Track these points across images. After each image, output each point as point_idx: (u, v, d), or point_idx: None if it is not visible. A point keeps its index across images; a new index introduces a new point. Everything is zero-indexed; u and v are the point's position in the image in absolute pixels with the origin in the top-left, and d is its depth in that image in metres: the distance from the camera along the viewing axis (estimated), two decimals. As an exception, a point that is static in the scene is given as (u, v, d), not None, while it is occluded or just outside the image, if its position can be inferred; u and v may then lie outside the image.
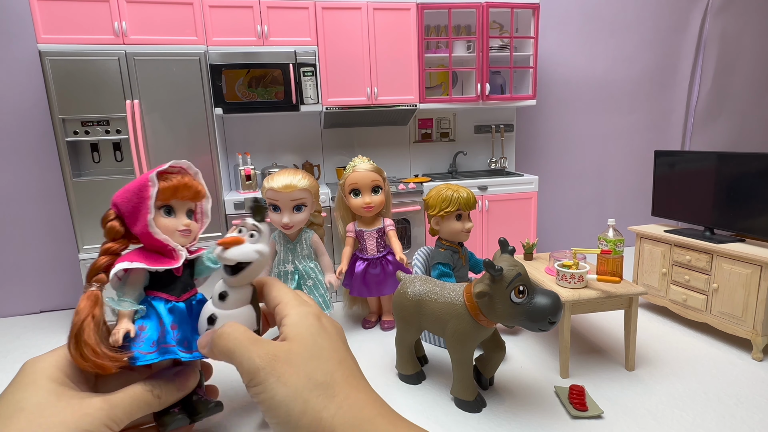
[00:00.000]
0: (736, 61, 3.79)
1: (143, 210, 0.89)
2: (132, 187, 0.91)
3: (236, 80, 2.58)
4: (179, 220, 0.97)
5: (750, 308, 1.86)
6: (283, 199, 1.41)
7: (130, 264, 0.88)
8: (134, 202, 0.90)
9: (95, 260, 0.87)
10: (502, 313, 1.12)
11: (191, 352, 0.99)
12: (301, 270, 1.44)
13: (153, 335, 0.91)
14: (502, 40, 3.08)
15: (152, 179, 0.90)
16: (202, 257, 1.13)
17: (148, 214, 0.89)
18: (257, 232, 0.98)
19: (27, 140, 2.68)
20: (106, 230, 0.90)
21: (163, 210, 0.95)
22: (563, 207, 3.79)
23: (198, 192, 0.99)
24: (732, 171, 2.03)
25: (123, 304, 0.89)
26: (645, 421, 1.34)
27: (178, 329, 0.95)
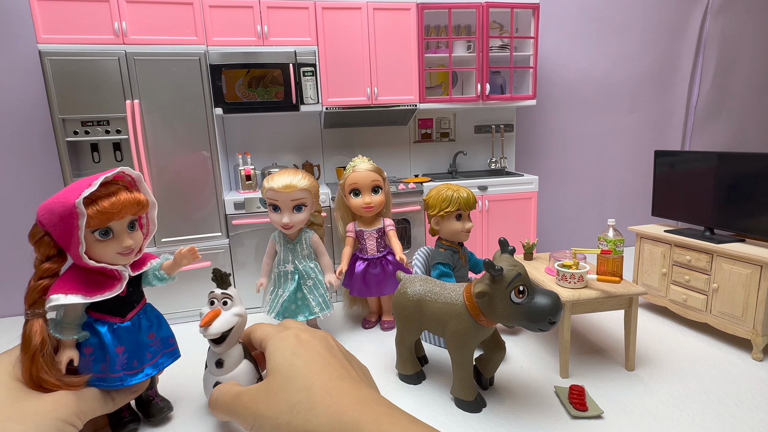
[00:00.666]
0: (736, 61, 3.79)
1: (74, 237, 0.81)
2: (57, 209, 0.81)
3: (236, 80, 2.58)
4: (119, 242, 0.90)
5: (750, 308, 1.86)
6: (283, 199, 1.41)
7: (65, 298, 0.83)
8: (61, 228, 0.81)
9: (33, 284, 0.82)
10: (502, 313, 1.12)
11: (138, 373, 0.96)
12: (301, 270, 1.44)
13: (100, 357, 0.91)
14: (502, 40, 3.08)
15: (79, 207, 0.80)
16: (148, 275, 1.08)
17: (78, 245, 0.81)
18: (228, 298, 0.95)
19: (27, 140, 2.68)
20: (37, 247, 0.83)
21: (99, 233, 0.87)
22: (563, 207, 3.79)
23: (139, 205, 0.91)
24: (732, 171, 2.03)
25: (65, 332, 0.87)
26: (645, 421, 1.34)
27: (124, 351, 0.95)
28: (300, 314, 1.35)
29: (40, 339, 0.79)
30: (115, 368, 0.93)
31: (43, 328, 0.81)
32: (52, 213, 0.81)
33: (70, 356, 0.86)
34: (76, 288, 0.86)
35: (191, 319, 2.44)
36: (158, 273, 1.07)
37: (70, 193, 0.82)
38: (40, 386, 0.79)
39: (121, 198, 0.87)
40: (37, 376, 0.78)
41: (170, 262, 1.10)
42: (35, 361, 0.78)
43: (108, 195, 0.86)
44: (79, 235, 0.81)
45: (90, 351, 0.90)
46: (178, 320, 2.42)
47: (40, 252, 0.83)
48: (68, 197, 0.81)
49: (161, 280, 1.07)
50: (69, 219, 0.80)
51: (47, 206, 0.83)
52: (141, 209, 0.92)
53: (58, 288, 0.84)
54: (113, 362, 0.93)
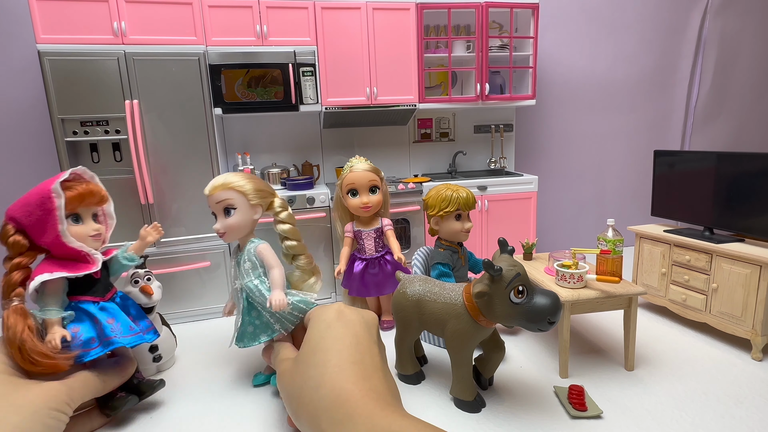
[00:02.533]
0: (735, 61, 3.80)
1: (50, 222, 0.92)
2: (32, 200, 0.93)
3: (236, 80, 2.58)
4: (88, 226, 1.03)
5: (749, 308, 1.86)
6: (211, 203, 1.18)
7: (51, 275, 0.91)
8: (37, 215, 0.92)
9: (7, 277, 0.90)
10: (502, 314, 1.12)
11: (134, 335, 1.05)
12: (245, 286, 1.19)
13: (89, 333, 0.97)
14: (502, 40, 3.08)
15: (56, 190, 0.93)
16: (117, 257, 1.16)
17: (57, 224, 0.92)
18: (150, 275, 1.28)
19: (26, 140, 2.68)
20: (10, 246, 0.93)
21: (71, 218, 0.99)
22: (563, 207, 3.79)
23: (102, 197, 1.06)
24: (731, 171, 2.03)
25: (49, 312, 0.92)
26: (644, 421, 1.34)
27: (115, 322, 1.03)
28: (261, 335, 1.16)
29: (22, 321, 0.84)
30: (109, 334, 1.00)
31: (24, 311, 0.87)
32: (27, 204, 0.92)
33: (62, 333, 0.91)
34: (57, 268, 0.93)
35: (191, 319, 2.44)
36: (126, 254, 1.16)
37: (42, 186, 0.93)
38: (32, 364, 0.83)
39: (91, 186, 1.01)
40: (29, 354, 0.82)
41: (136, 242, 1.21)
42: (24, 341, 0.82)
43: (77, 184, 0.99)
44: (59, 215, 0.91)
45: (78, 330, 0.96)
46: (178, 320, 2.41)
47: (13, 248, 0.93)
48: (42, 188, 0.93)
49: (130, 260, 1.16)
50: (47, 204, 0.91)
51: (19, 202, 0.94)
52: (103, 200, 1.06)
53: (40, 271, 0.91)
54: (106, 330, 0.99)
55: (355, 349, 0.79)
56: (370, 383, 0.72)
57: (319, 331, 0.83)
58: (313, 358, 0.78)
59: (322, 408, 0.68)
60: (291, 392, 0.76)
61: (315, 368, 0.75)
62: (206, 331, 2.24)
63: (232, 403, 1.25)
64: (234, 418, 1.17)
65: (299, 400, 0.73)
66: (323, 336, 0.82)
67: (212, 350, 1.70)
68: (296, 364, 0.80)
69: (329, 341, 0.80)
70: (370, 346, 0.83)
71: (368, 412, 0.65)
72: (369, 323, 0.88)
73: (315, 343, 0.81)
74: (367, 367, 0.77)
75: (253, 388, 1.34)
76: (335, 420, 0.66)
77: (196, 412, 1.20)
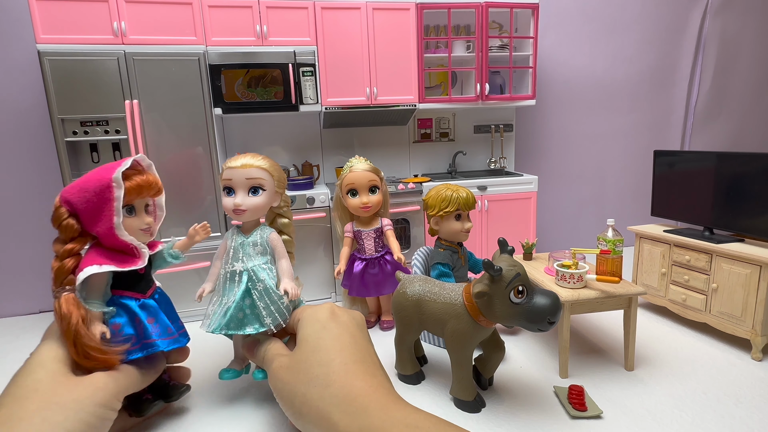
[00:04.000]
0: (735, 60, 3.80)
1: (106, 211, 0.87)
2: (91, 186, 0.88)
3: (235, 80, 2.57)
4: (141, 219, 0.99)
5: (749, 308, 1.86)
6: (237, 177, 1.15)
7: (100, 268, 0.87)
8: (94, 203, 0.87)
9: (60, 263, 0.87)
10: (501, 314, 1.12)
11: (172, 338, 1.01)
12: (249, 269, 1.16)
13: (129, 331, 0.93)
14: (502, 40, 3.08)
15: (117, 180, 0.88)
16: (163, 253, 1.12)
17: (113, 216, 0.88)
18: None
19: (26, 140, 2.68)
20: (62, 229, 0.89)
21: (125, 210, 0.94)
22: (563, 207, 3.79)
23: (159, 188, 1.01)
24: (731, 171, 2.03)
25: (92, 306, 0.88)
26: (644, 421, 1.34)
27: (155, 322, 0.99)
28: (248, 325, 1.10)
29: (77, 310, 0.81)
30: (150, 335, 0.95)
31: (77, 300, 0.83)
32: (84, 190, 0.87)
33: (102, 329, 0.87)
34: (105, 261, 0.89)
35: (191, 320, 2.43)
36: (172, 251, 1.13)
37: (102, 172, 0.88)
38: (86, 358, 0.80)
39: (150, 177, 0.96)
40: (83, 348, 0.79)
41: (183, 240, 1.17)
42: (78, 333, 0.79)
43: (136, 174, 0.94)
44: (116, 206, 0.87)
45: (118, 327, 0.92)
46: (178, 320, 2.41)
47: (64, 234, 0.88)
48: (102, 175, 0.88)
49: (176, 258, 1.13)
50: (105, 193, 0.87)
51: (77, 186, 0.89)
52: (158, 192, 1.01)
53: (89, 262, 0.87)
54: (147, 331, 0.95)
55: (354, 348, 0.81)
56: (377, 380, 0.75)
57: (315, 331, 0.84)
58: (315, 357, 0.79)
59: (334, 404, 0.70)
60: (293, 390, 0.77)
61: (319, 367, 0.76)
62: (206, 331, 2.23)
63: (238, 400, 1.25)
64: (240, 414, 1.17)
65: (304, 399, 0.74)
66: (320, 336, 0.83)
67: (213, 350, 1.70)
68: (295, 362, 0.81)
69: (328, 341, 0.81)
70: (366, 346, 0.85)
71: (381, 404, 0.68)
72: (360, 323, 0.91)
73: (314, 342, 0.82)
74: (369, 365, 0.79)
75: (254, 386, 1.34)
76: (348, 413, 0.68)
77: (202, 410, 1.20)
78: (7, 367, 2.23)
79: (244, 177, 1.15)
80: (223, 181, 1.18)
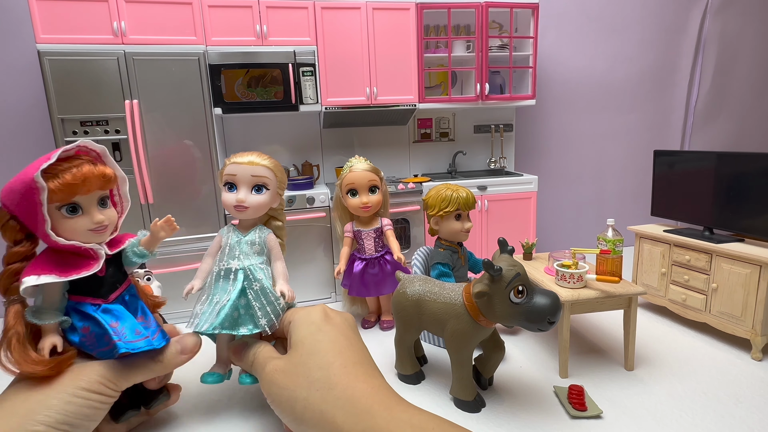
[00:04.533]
0: (735, 60, 3.80)
1: (39, 216, 0.76)
2: (17, 188, 0.76)
3: (235, 80, 2.57)
4: (89, 218, 0.84)
5: (749, 308, 1.86)
6: (242, 173, 1.13)
7: (38, 279, 0.77)
8: (24, 206, 0.76)
9: (5, 269, 0.77)
10: (501, 313, 1.12)
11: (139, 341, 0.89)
12: (246, 268, 1.13)
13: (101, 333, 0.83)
14: (502, 39, 3.08)
15: (38, 180, 0.75)
16: (127, 251, 0.99)
17: (44, 221, 0.76)
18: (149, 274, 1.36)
19: (26, 140, 2.68)
20: (3, 234, 0.79)
21: (66, 209, 0.81)
22: (562, 207, 3.79)
23: (105, 178, 0.86)
24: (731, 171, 2.03)
25: (44, 317, 0.79)
26: (644, 421, 1.34)
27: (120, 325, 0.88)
28: (243, 326, 1.07)
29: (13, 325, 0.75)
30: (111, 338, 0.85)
31: (17, 314, 0.76)
32: (12, 191, 0.76)
33: (53, 342, 0.79)
34: (49, 269, 0.78)
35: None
36: (137, 249, 1.00)
37: (30, 168, 0.76)
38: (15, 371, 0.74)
39: (84, 170, 0.81)
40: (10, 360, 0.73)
41: (148, 236, 1.03)
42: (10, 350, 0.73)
43: (69, 168, 0.80)
44: (42, 211, 0.75)
45: (87, 330, 0.83)
46: (178, 321, 2.41)
47: (7, 237, 0.79)
48: (27, 173, 0.75)
49: (141, 256, 1.01)
50: (30, 195, 0.75)
51: (8, 186, 0.77)
52: (108, 183, 0.86)
53: (30, 270, 0.77)
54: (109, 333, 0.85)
55: (352, 351, 0.81)
56: (377, 381, 0.74)
57: (311, 333, 0.83)
58: (314, 360, 0.78)
59: (338, 407, 0.69)
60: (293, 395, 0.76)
61: (319, 370, 0.75)
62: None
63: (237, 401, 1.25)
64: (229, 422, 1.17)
65: (306, 403, 0.73)
66: (317, 338, 0.82)
67: (212, 350, 1.70)
68: (292, 366, 0.79)
69: (325, 344, 0.81)
70: (361, 347, 0.84)
71: (385, 405, 0.68)
72: (352, 325, 0.91)
73: (310, 345, 0.81)
74: (367, 367, 0.78)
75: (240, 392, 1.33)
76: (352, 414, 0.67)
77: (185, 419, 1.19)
78: (6, 367, 2.21)
79: (249, 174, 1.12)
80: (225, 176, 1.13)
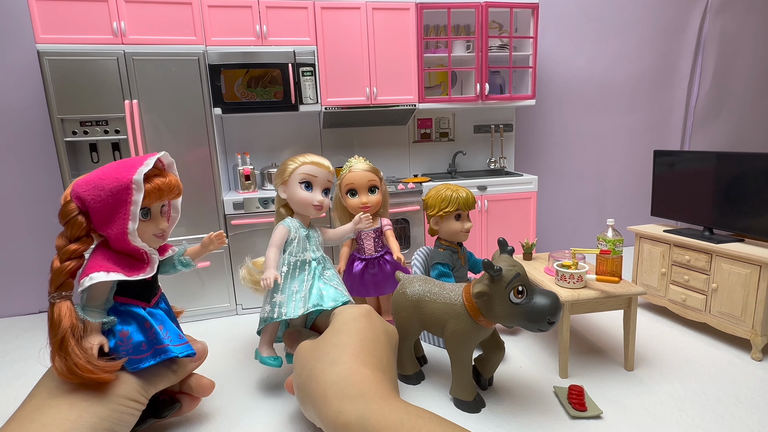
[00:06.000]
0: (735, 60, 3.80)
1: (121, 214, 0.79)
2: (107, 184, 0.79)
3: (235, 80, 2.57)
4: (156, 224, 0.91)
5: (749, 308, 1.86)
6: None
7: (107, 275, 0.78)
8: (109, 203, 0.78)
9: (60, 264, 0.77)
10: (501, 314, 1.12)
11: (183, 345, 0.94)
12: (319, 258, 1.27)
13: (138, 337, 0.86)
14: (502, 39, 3.08)
15: (138, 183, 0.79)
16: (173, 259, 1.08)
17: (128, 221, 0.79)
18: None
19: (26, 140, 2.68)
20: (69, 226, 0.80)
21: (141, 213, 0.85)
22: (562, 207, 3.79)
23: (180, 191, 0.94)
24: (731, 171, 2.03)
25: (90, 314, 0.80)
26: (644, 421, 1.34)
27: (164, 328, 0.92)
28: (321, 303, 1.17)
29: (69, 322, 0.74)
30: (162, 341, 0.89)
31: (71, 310, 0.76)
32: (100, 188, 0.79)
33: (101, 341, 0.80)
34: (113, 267, 0.81)
35: (192, 320, 2.44)
36: (183, 258, 1.08)
37: (121, 171, 0.80)
38: (72, 374, 0.73)
39: (171, 179, 0.88)
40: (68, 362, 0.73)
41: (196, 247, 1.12)
42: (64, 345, 0.73)
43: (156, 175, 0.86)
44: (133, 210, 0.79)
45: (126, 334, 0.85)
46: (177, 320, 2.41)
47: (71, 231, 0.80)
48: (121, 173, 0.79)
49: (186, 265, 1.08)
50: (122, 194, 0.78)
51: (91, 182, 0.79)
52: (178, 195, 0.94)
53: (96, 266, 0.79)
54: (159, 336, 0.88)
55: (374, 345, 0.86)
56: (384, 376, 0.78)
57: (345, 320, 0.90)
58: (334, 339, 0.84)
59: (332, 382, 0.73)
60: (305, 364, 0.81)
61: (334, 347, 0.81)
62: (207, 331, 2.23)
63: (241, 401, 1.25)
64: (244, 417, 1.17)
65: (311, 372, 0.77)
66: (347, 323, 0.88)
67: (213, 350, 1.70)
68: (316, 342, 0.86)
69: (352, 329, 0.86)
70: (387, 350, 0.90)
71: (383, 395, 0.71)
72: (390, 333, 0.96)
73: (338, 327, 0.87)
74: (383, 364, 0.82)
75: (256, 385, 1.34)
76: (345, 394, 0.69)
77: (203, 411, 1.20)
78: (6, 367, 2.23)
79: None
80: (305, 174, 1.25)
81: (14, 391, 1.82)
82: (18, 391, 1.82)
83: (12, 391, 1.81)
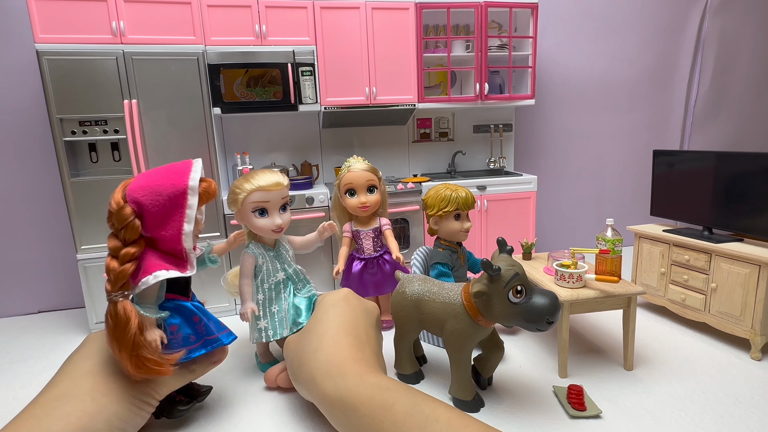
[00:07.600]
0: (734, 60, 3.80)
1: (176, 217, 0.86)
2: (163, 189, 0.86)
3: (235, 80, 2.57)
4: (198, 225, 0.98)
5: (748, 308, 1.86)
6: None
7: (168, 273, 0.84)
8: (167, 208, 0.85)
9: (121, 267, 0.81)
10: (500, 313, 1.12)
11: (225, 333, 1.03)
12: (291, 273, 1.28)
13: (187, 330, 0.94)
14: (501, 39, 3.08)
15: (194, 189, 0.87)
16: (204, 257, 1.14)
17: (184, 223, 0.86)
18: None
19: (25, 140, 2.68)
20: (126, 230, 0.83)
21: None
22: (562, 207, 3.79)
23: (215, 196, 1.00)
24: (731, 170, 2.03)
25: (147, 311, 0.86)
26: (643, 421, 1.34)
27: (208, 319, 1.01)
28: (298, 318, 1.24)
29: (137, 318, 0.79)
30: (213, 332, 0.97)
31: (134, 308, 0.81)
32: (158, 194, 0.85)
33: (160, 335, 0.86)
34: (169, 265, 0.87)
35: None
36: (211, 256, 1.15)
37: (174, 176, 0.87)
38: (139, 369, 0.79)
39: (213, 184, 0.96)
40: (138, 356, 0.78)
41: (222, 245, 1.26)
42: (136, 341, 0.78)
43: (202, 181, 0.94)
44: (189, 213, 0.86)
45: (176, 328, 0.92)
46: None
47: (128, 234, 0.83)
48: (176, 179, 0.87)
49: (213, 262, 1.16)
50: (179, 199, 0.85)
51: (148, 188, 0.85)
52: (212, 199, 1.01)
53: (156, 265, 0.85)
54: (209, 328, 0.97)
55: (352, 326, 0.93)
56: (362, 354, 0.86)
57: (324, 308, 0.97)
58: (315, 327, 0.92)
59: (316, 367, 0.82)
60: (293, 356, 0.90)
61: (316, 336, 0.89)
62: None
63: (241, 401, 1.25)
64: (244, 418, 1.17)
65: (299, 361, 0.87)
66: (327, 311, 0.96)
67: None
68: (301, 333, 0.95)
69: (331, 315, 0.94)
70: (366, 327, 0.97)
71: (358, 371, 0.79)
72: (369, 310, 1.04)
73: (319, 316, 0.95)
74: (362, 341, 0.90)
75: (256, 385, 1.34)
76: (328, 375, 0.78)
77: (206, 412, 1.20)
78: (6, 368, 2.23)
79: (279, 197, 1.26)
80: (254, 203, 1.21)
81: (14, 391, 1.81)
82: (17, 392, 1.82)
83: (12, 391, 1.81)
